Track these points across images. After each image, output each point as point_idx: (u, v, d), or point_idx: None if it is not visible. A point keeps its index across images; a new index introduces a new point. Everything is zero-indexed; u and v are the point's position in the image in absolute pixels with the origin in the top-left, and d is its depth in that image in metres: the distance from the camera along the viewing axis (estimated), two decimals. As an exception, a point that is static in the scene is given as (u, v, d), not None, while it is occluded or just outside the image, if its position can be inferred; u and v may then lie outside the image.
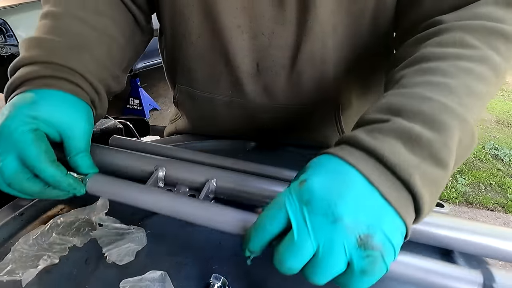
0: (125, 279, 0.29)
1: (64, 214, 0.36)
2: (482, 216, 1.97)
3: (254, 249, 0.26)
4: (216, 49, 0.48)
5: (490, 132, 3.01)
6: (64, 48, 0.39)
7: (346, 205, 0.23)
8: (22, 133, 0.32)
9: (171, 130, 0.68)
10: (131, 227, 0.36)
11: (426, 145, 0.25)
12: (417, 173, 0.24)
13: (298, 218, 0.24)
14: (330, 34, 0.45)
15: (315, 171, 0.26)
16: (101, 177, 0.37)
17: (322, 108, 0.53)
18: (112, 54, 0.44)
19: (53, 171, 0.33)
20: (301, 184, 0.25)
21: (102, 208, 0.36)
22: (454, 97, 0.27)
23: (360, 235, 0.22)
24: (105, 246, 0.33)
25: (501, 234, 0.33)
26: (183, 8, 0.46)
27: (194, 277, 0.32)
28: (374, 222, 0.23)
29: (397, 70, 0.34)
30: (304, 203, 0.24)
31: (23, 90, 0.36)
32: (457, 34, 0.32)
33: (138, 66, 2.77)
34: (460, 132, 0.26)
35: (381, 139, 0.25)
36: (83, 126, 0.37)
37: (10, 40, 2.19)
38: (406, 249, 0.26)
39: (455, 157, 0.26)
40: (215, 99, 0.54)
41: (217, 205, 0.32)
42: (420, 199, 0.24)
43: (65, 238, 0.34)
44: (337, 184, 0.24)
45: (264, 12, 0.44)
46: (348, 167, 0.25)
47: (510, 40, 0.32)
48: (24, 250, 0.32)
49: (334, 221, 0.23)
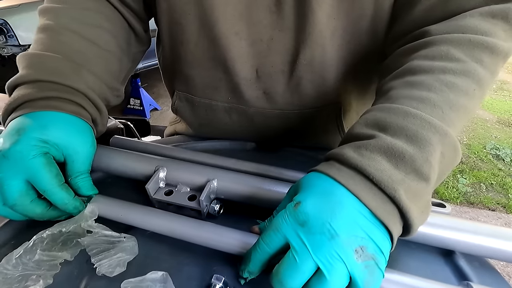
0: (127, 280, 0.29)
1: (48, 228, 0.33)
2: (483, 216, 1.97)
3: (253, 270, 0.29)
4: (214, 56, 0.48)
5: (491, 132, 3.01)
6: (65, 66, 0.39)
7: (341, 222, 0.25)
8: (34, 157, 0.33)
9: (170, 133, 0.68)
10: (122, 235, 0.34)
11: (408, 161, 0.27)
12: (402, 188, 0.26)
13: (295, 239, 0.26)
14: (329, 39, 0.45)
15: (308, 192, 0.27)
16: (103, 198, 0.37)
17: (323, 112, 0.53)
18: (111, 68, 0.45)
19: (64, 194, 0.34)
20: (296, 207, 0.26)
21: (91, 215, 0.35)
22: (437, 112, 0.29)
23: (356, 248, 0.25)
24: (94, 256, 0.32)
25: (502, 235, 0.33)
26: (180, 17, 0.46)
27: (195, 277, 0.32)
28: (366, 235, 0.25)
29: (386, 81, 0.36)
30: (301, 224, 0.26)
31: (27, 111, 0.35)
32: (443, 47, 0.33)
33: (139, 66, 2.77)
34: (441, 147, 0.28)
35: (368, 156, 0.27)
36: (87, 150, 0.37)
37: (11, 40, 2.19)
38: (409, 250, 0.26)
39: (437, 170, 0.28)
40: (214, 105, 0.54)
41: (217, 226, 0.34)
42: (406, 212, 0.26)
43: (52, 254, 0.32)
44: (330, 204, 0.26)
45: (261, 18, 0.44)
46: (338, 186, 0.27)
47: (495, 53, 0.33)
48: (8, 272, 0.30)
49: (331, 238, 0.25)
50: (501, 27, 0.34)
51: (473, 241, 0.33)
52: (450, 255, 0.36)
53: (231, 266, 0.33)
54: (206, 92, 0.53)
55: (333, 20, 0.43)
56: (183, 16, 0.46)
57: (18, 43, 2.21)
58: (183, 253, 0.34)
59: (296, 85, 0.49)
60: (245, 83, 0.50)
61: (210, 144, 0.58)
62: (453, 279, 0.33)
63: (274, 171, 0.41)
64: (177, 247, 0.35)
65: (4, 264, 0.30)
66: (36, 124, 0.34)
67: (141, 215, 0.36)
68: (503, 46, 0.33)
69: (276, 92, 0.50)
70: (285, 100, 0.51)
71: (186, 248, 0.34)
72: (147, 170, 0.39)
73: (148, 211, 0.36)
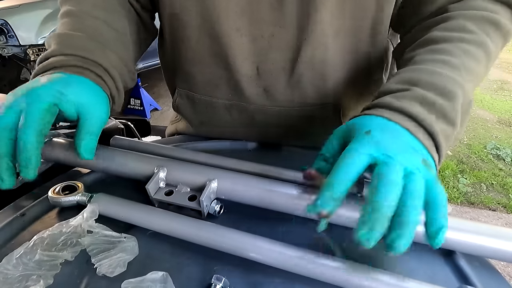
0: (127, 280, 0.29)
1: (48, 228, 0.33)
2: (483, 216, 1.97)
3: (339, 192, 0.27)
4: (215, 53, 0.48)
5: (492, 132, 3.00)
6: (90, 45, 0.42)
7: (405, 145, 0.29)
8: (44, 101, 0.35)
9: (171, 131, 0.68)
10: (122, 235, 0.34)
11: (439, 109, 0.32)
12: (438, 128, 0.31)
13: (379, 154, 0.28)
14: (332, 38, 0.45)
15: (371, 125, 0.31)
16: (104, 197, 0.37)
17: (323, 110, 0.53)
18: (128, 51, 0.48)
19: (33, 138, 0.33)
20: (367, 133, 0.30)
21: (92, 215, 0.35)
22: (457, 72, 0.35)
23: (421, 158, 0.29)
24: (95, 256, 0.32)
25: (503, 235, 0.32)
26: (181, 13, 0.47)
27: (195, 277, 0.32)
28: (423, 153, 0.30)
29: (409, 50, 0.41)
30: (375, 144, 0.28)
31: (56, 71, 0.39)
32: (460, 21, 0.39)
33: (139, 66, 2.78)
34: (462, 100, 0.33)
35: (407, 103, 0.32)
36: (101, 113, 0.39)
37: (11, 40, 2.20)
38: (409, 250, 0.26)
39: (460, 119, 0.33)
40: (215, 103, 0.54)
41: (217, 226, 0.34)
42: (439, 146, 0.32)
43: (52, 254, 0.32)
44: (392, 133, 0.30)
45: (263, 15, 0.44)
46: (392, 123, 0.31)
47: (499, 28, 0.39)
48: (9, 272, 0.30)
49: (406, 151, 0.29)
50: (504, 10, 0.41)
51: (474, 241, 0.33)
52: (451, 255, 0.36)
53: (232, 266, 0.33)
54: (206, 89, 0.54)
55: (336, 20, 0.43)
56: (184, 12, 0.46)
57: (18, 43, 2.22)
58: (183, 254, 0.34)
59: (297, 82, 0.49)
60: (246, 80, 0.50)
61: (210, 144, 0.58)
62: (454, 279, 0.33)
63: (275, 171, 0.41)
64: (178, 248, 0.35)
65: (4, 264, 0.30)
66: (60, 79, 0.37)
67: (141, 214, 0.36)
68: (505, 24, 0.39)
69: (277, 89, 0.50)
70: (286, 97, 0.51)
71: (187, 248, 0.34)
72: (147, 170, 0.39)
73: (149, 210, 0.36)
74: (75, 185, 0.40)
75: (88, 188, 0.40)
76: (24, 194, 0.42)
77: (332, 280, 0.30)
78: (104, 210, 0.36)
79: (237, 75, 0.49)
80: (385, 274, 0.29)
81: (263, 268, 0.32)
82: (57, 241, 0.33)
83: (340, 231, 0.35)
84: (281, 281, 0.31)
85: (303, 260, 0.30)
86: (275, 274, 0.32)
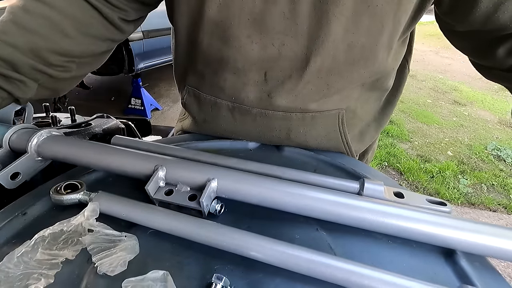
0: (127, 279, 0.29)
1: (49, 227, 0.33)
2: (484, 217, 1.97)
3: None
4: (225, 57, 0.49)
5: (493, 132, 3.00)
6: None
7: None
8: None
9: (178, 129, 0.69)
10: (123, 234, 0.34)
11: None
12: None
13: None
14: (343, 51, 0.45)
15: None
16: (105, 195, 0.37)
17: (326, 117, 0.53)
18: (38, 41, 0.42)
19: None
20: None
21: (93, 214, 0.35)
22: None
23: None
24: (95, 255, 0.32)
25: (503, 234, 0.32)
26: (198, 19, 0.47)
27: (196, 276, 0.32)
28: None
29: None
30: None
31: None
32: None
33: (140, 66, 2.77)
34: None
35: None
36: None
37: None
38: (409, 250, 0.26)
39: None
40: (219, 103, 0.55)
41: (218, 224, 0.34)
42: None
43: (53, 253, 0.32)
44: None
45: (275, 24, 0.44)
46: None
47: None
48: (10, 270, 0.30)
49: None
50: None
51: (474, 240, 0.33)
52: (451, 255, 0.35)
53: (232, 265, 0.33)
54: (212, 89, 0.55)
55: (351, 35, 0.43)
56: (199, 18, 0.47)
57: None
58: (184, 252, 0.34)
59: (302, 89, 0.50)
60: (252, 84, 0.50)
61: (211, 143, 0.58)
62: (454, 279, 0.33)
63: (276, 170, 0.41)
64: (178, 246, 0.35)
65: (5, 263, 0.30)
66: None
67: (142, 213, 0.36)
68: None
69: (281, 95, 0.51)
70: (289, 103, 0.51)
71: (187, 247, 0.35)
72: (147, 169, 0.39)
73: (150, 209, 0.36)
74: (77, 183, 0.40)
75: (90, 187, 0.40)
76: (25, 193, 0.42)
77: (333, 279, 0.30)
78: (105, 208, 0.36)
79: (244, 79, 0.50)
80: (386, 274, 0.29)
81: (264, 267, 0.32)
82: (58, 240, 0.33)
83: (340, 230, 0.35)
84: (282, 280, 0.31)
85: (303, 259, 0.30)
86: (275, 273, 0.32)
